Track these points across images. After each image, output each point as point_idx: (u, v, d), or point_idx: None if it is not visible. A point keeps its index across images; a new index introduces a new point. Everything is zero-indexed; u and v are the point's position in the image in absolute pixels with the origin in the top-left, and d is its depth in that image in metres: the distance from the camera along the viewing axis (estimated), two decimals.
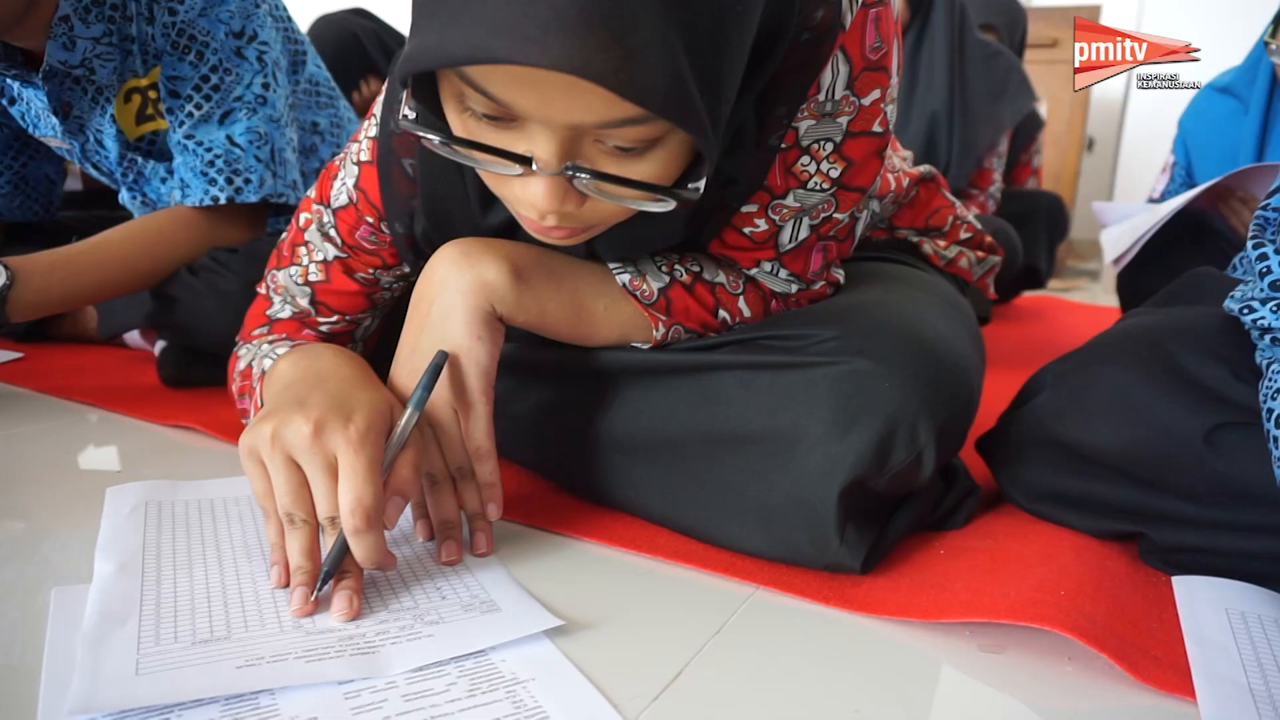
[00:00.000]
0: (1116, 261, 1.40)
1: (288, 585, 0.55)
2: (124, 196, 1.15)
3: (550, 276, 0.64)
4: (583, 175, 0.48)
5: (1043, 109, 2.22)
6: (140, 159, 1.09)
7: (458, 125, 0.50)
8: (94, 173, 1.17)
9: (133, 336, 1.20)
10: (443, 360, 0.59)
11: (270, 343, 0.72)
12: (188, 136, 1.01)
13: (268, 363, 0.67)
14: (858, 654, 0.53)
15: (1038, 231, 1.99)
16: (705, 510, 0.64)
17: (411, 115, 0.49)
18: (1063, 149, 3.51)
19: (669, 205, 0.50)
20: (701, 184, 0.50)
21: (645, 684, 0.49)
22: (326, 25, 2.18)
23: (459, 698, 0.46)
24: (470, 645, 0.50)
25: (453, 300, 0.60)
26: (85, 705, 0.42)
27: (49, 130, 1.13)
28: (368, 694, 0.45)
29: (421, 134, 0.49)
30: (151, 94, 1.05)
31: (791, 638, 0.55)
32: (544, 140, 0.47)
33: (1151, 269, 1.42)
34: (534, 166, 0.48)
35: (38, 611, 0.53)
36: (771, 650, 0.53)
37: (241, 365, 0.73)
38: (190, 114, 1.01)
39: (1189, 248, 1.40)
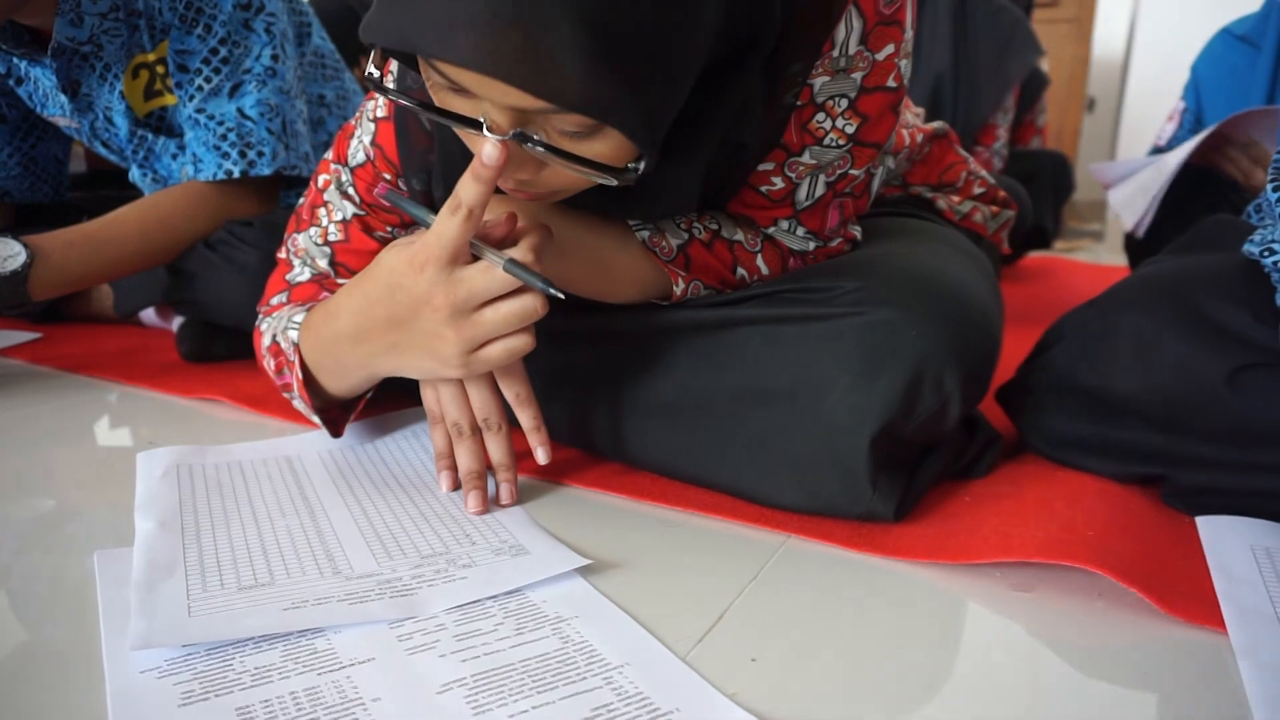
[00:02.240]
0: (1136, 227, 1.39)
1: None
2: (134, 174, 1.15)
3: (572, 234, 0.64)
4: (533, 146, 0.49)
5: (1045, 66, 2.21)
6: (150, 135, 1.09)
7: (428, 85, 0.51)
8: (103, 151, 1.17)
9: (148, 314, 1.20)
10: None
11: (288, 314, 0.72)
12: (198, 110, 1.01)
13: (294, 334, 0.68)
14: (893, 597, 0.55)
15: (1044, 191, 1.99)
16: (735, 468, 0.65)
17: (376, 74, 0.51)
18: (1064, 109, 3.50)
19: (614, 182, 0.51)
20: (641, 166, 0.51)
21: (690, 626, 0.50)
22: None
23: (507, 635, 0.47)
24: (504, 585, 0.52)
25: None
26: (146, 641, 0.44)
27: (57, 110, 1.13)
28: (419, 636, 0.47)
29: (384, 95, 0.52)
30: (159, 69, 1.05)
31: (827, 583, 0.56)
32: (495, 113, 0.48)
33: (1161, 224, 1.42)
34: (484, 131, 0.49)
35: (83, 576, 0.54)
36: (809, 595, 0.54)
37: (267, 340, 0.74)
38: (200, 88, 1.01)
39: (1196, 200, 1.40)
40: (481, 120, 0.49)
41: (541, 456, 0.64)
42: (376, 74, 0.51)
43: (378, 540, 0.58)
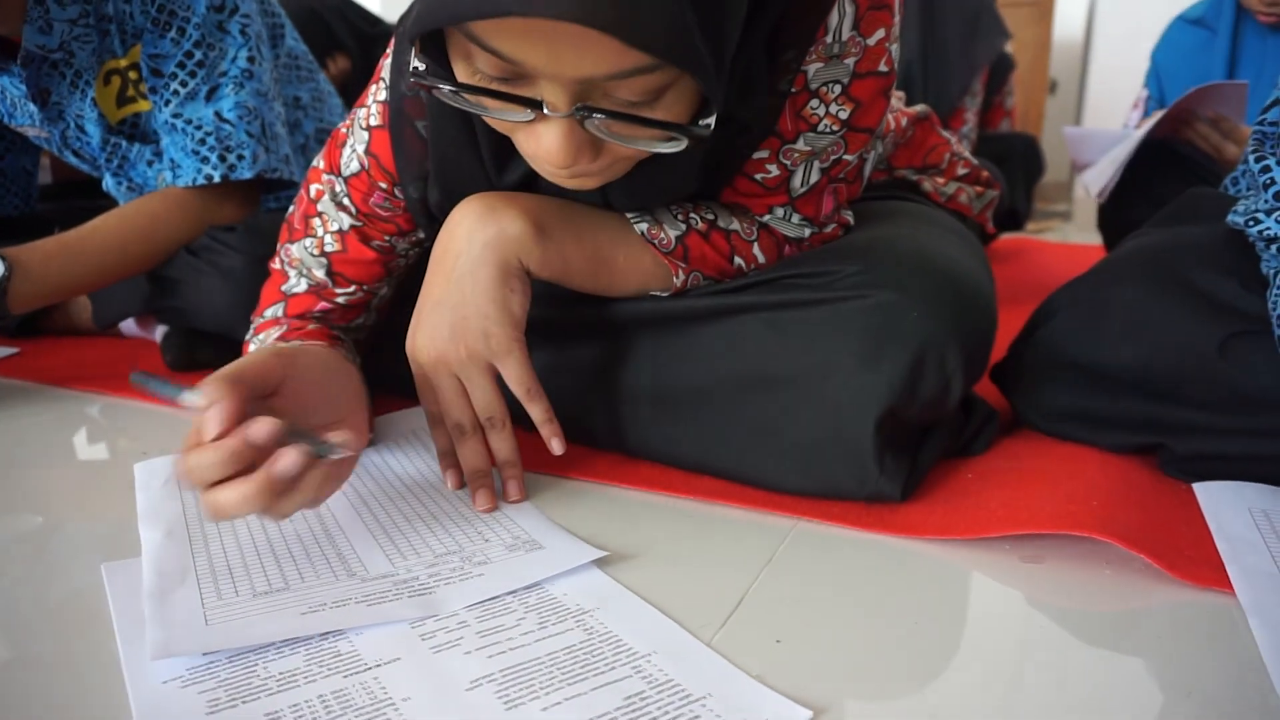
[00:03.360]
0: (1100, 194, 1.42)
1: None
2: (108, 183, 1.12)
3: (571, 229, 0.64)
4: (595, 115, 0.48)
5: (1009, 49, 2.24)
6: (124, 143, 1.07)
7: (468, 78, 0.50)
8: (74, 161, 1.15)
9: (128, 325, 1.18)
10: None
11: (271, 344, 0.71)
12: (175, 115, 1.00)
13: None
14: (906, 574, 0.55)
15: (1015, 173, 2.01)
16: (741, 454, 0.65)
17: (421, 67, 0.50)
18: (1027, 91, 3.53)
19: (681, 144, 0.51)
20: (712, 121, 0.51)
21: (711, 612, 0.50)
22: (285, 1, 2.14)
23: (531, 629, 0.47)
24: (522, 580, 0.52)
25: (481, 255, 0.61)
26: (165, 650, 0.44)
27: (26, 119, 1.10)
28: (442, 634, 0.46)
29: (432, 84, 0.50)
30: (132, 75, 1.03)
31: (841, 563, 0.56)
32: (553, 92, 0.47)
33: (1133, 201, 1.44)
34: (544, 110, 0.48)
35: (90, 589, 0.53)
36: (825, 575, 0.55)
37: None
38: (176, 92, 0.99)
39: (1166, 176, 1.42)
40: (540, 101, 0.48)
41: (556, 448, 0.63)
42: (422, 67, 0.50)
43: (389, 541, 0.57)
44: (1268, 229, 0.63)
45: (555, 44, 0.44)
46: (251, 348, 0.75)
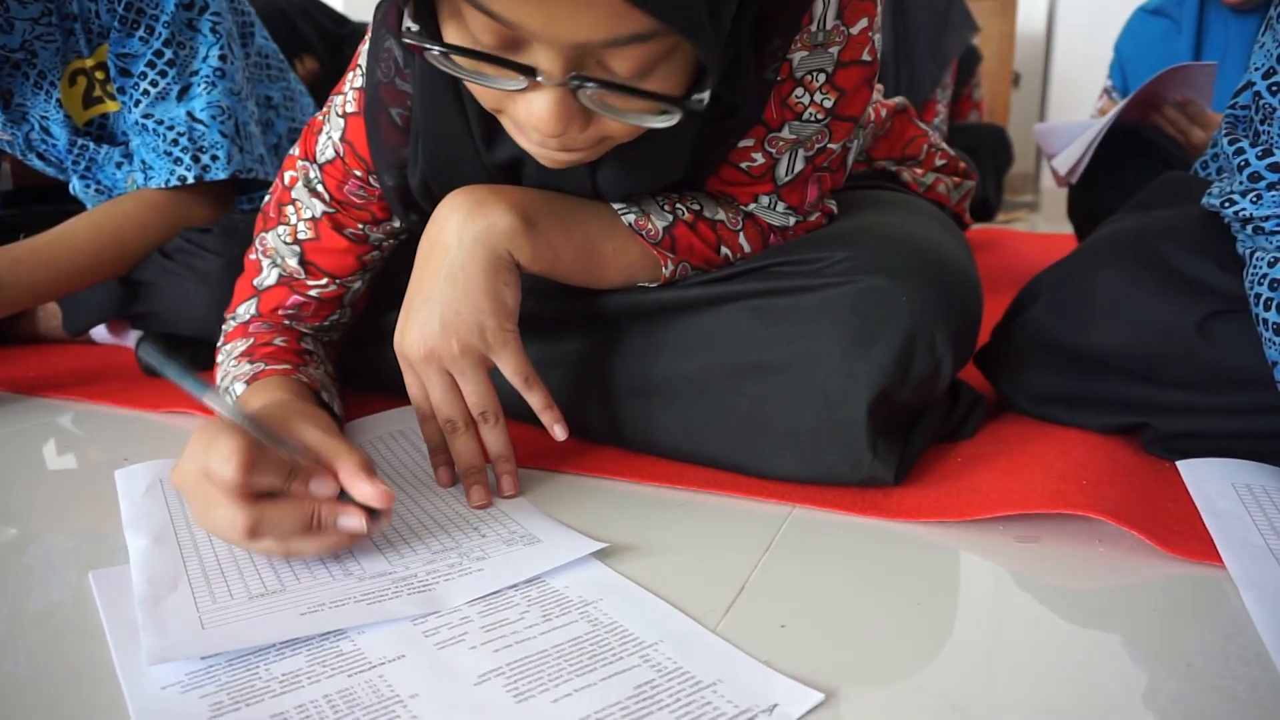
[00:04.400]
0: (1069, 175, 1.44)
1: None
2: (75, 186, 1.10)
3: (559, 222, 0.64)
4: (589, 85, 0.48)
5: (976, 42, 2.26)
6: (91, 145, 1.05)
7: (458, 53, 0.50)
8: (39, 164, 1.12)
9: (99, 331, 1.15)
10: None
11: (236, 360, 0.70)
12: (146, 116, 0.98)
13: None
14: (904, 556, 0.56)
15: (985, 164, 2.04)
16: (735, 443, 0.65)
17: (415, 27, 0.49)
18: (992, 84, 3.57)
19: (674, 118, 0.51)
20: (706, 95, 0.50)
21: (713, 600, 0.50)
22: (251, 1, 2.10)
23: (535, 623, 0.47)
24: (521, 574, 0.52)
25: (471, 249, 0.60)
26: (162, 655, 0.43)
27: None
28: (446, 630, 0.46)
29: (424, 45, 0.49)
30: (98, 75, 1.01)
31: (839, 548, 0.57)
32: (548, 59, 0.47)
33: (1103, 189, 1.46)
34: (538, 78, 0.47)
35: (77, 599, 0.52)
36: (824, 560, 0.55)
37: (220, 376, 0.72)
38: (146, 92, 0.98)
39: (1134, 163, 1.45)
40: (534, 68, 0.47)
41: (559, 434, 0.63)
42: (415, 28, 0.49)
43: (384, 539, 0.56)
44: (1243, 210, 0.65)
45: (552, 5, 0.44)
46: (220, 357, 0.74)
